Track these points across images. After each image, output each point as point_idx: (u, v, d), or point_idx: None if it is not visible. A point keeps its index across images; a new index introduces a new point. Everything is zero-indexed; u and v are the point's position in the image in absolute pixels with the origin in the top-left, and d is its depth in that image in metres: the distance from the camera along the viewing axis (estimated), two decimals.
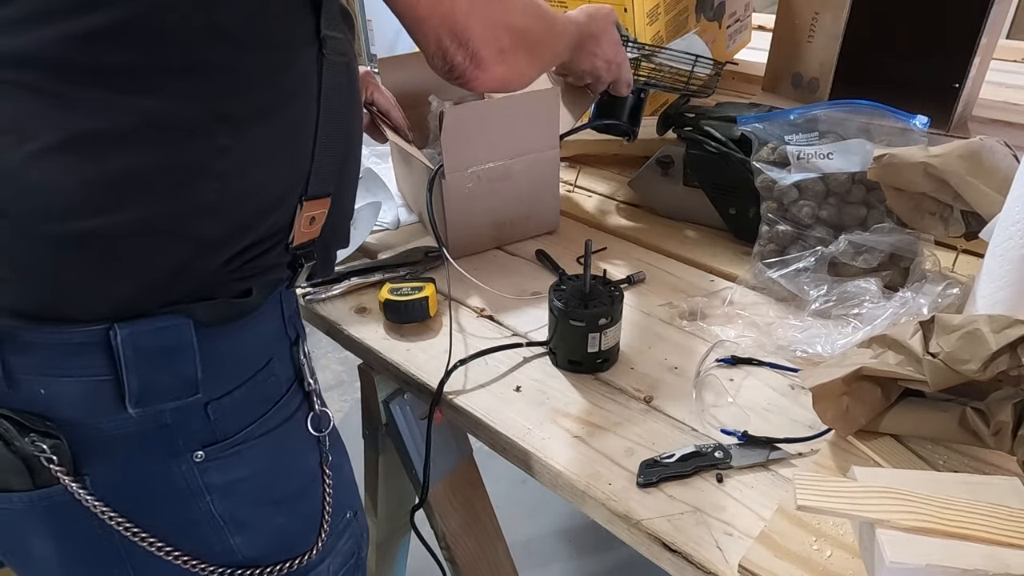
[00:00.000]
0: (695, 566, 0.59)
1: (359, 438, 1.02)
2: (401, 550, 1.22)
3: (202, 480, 0.58)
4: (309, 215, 0.60)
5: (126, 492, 0.56)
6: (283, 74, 0.54)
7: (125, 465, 0.55)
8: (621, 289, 0.79)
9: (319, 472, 0.67)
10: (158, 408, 0.54)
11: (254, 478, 0.61)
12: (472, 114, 0.95)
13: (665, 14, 1.23)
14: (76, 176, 0.48)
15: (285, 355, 0.63)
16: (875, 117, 0.86)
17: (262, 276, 0.58)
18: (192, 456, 0.57)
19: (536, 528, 1.76)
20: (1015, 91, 1.44)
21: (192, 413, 0.56)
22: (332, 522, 0.68)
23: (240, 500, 0.61)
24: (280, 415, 0.62)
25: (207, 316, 0.54)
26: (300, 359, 0.65)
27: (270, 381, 0.61)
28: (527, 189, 1.01)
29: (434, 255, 0.99)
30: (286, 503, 0.64)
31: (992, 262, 0.72)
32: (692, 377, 0.78)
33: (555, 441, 0.71)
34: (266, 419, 0.61)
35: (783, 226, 0.89)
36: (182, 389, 0.54)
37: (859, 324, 0.78)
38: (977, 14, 1.13)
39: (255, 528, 0.62)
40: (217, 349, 0.56)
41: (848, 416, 0.66)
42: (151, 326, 0.52)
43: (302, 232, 0.60)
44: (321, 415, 0.66)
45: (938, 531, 0.52)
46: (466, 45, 0.66)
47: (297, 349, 0.65)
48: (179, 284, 0.53)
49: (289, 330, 0.64)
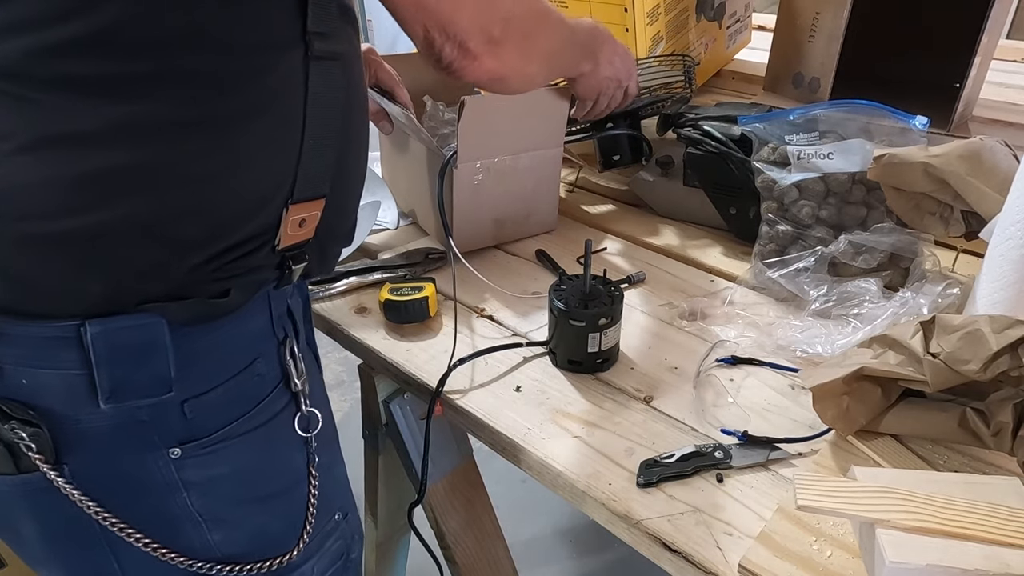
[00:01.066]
0: (695, 566, 0.59)
1: (359, 438, 1.02)
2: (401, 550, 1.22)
3: (179, 476, 0.57)
4: (297, 217, 0.58)
5: (104, 483, 0.56)
6: (265, 77, 0.52)
7: (103, 457, 0.55)
8: (621, 289, 0.79)
9: (305, 472, 0.66)
10: (132, 405, 0.54)
11: (234, 476, 0.61)
12: (490, 106, 0.94)
13: (665, 14, 1.23)
14: (49, 177, 0.48)
15: (272, 355, 0.62)
16: (875, 117, 0.86)
17: (244, 277, 0.57)
18: (168, 452, 0.56)
19: (536, 528, 1.76)
20: (1015, 91, 1.44)
21: (168, 410, 0.55)
22: (317, 523, 0.67)
23: (218, 497, 0.60)
24: (264, 414, 0.61)
25: (181, 316, 0.54)
26: (287, 360, 0.63)
27: (254, 380, 0.60)
28: (530, 186, 1.01)
29: (434, 255, 0.99)
30: (267, 502, 0.64)
31: (992, 262, 0.72)
32: (692, 377, 0.78)
33: (555, 441, 0.71)
34: (248, 418, 0.60)
35: (783, 226, 0.89)
36: (155, 387, 0.54)
37: (859, 324, 0.78)
38: (977, 14, 1.13)
39: (234, 526, 0.62)
40: (194, 348, 0.55)
41: (848, 416, 0.66)
42: (123, 324, 0.52)
43: (289, 235, 0.58)
44: (309, 416, 0.65)
45: (938, 531, 0.52)
46: (453, 36, 0.65)
47: (284, 349, 0.63)
48: (153, 284, 0.52)
49: (277, 330, 0.63)
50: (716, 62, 1.53)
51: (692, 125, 1.02)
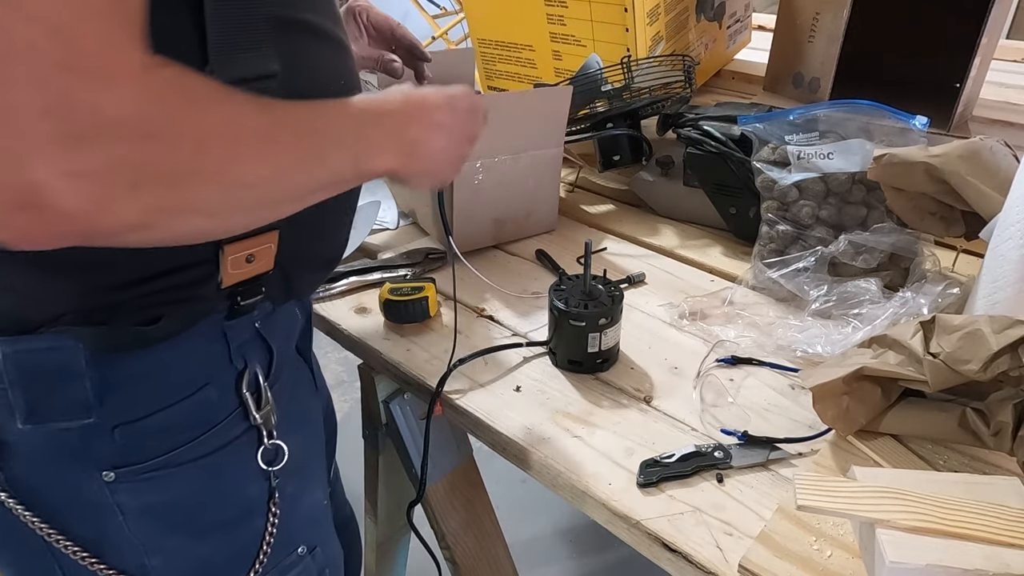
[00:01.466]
0: (695, 566, 0.59)
1: (359, 438, 1.02)
2: (401, 550, 1.22)
3: (113, 499, 0.55)
4: (241, 255, 0.53)
5: (40, 494, 0.54)
6: None
7: (37, 471, 0.54)
8: (621, 289, 0.79)
9: (261, 504, 0.62)
10: (53, 427, 0.51)
11: (174, 504, 0.57)
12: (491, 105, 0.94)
13: (665, 14, 1.23)
14: None
15: (227, 384, 0.58)
16: (875, 117, 0.86)
17: (178, 306, 0.53)
18: (102, 475, 0.54)
19: (536, 528, 1.76)
20: (1015, 91, 1.44)
21: (96, 434, 0.53)
22: (272, 557, 0.64)
23: (156, 524, 0.57)
24: (214, 442, 0.58)
25: (99, 341, 0.50)
26: (243, 393, 0.58)
27: (202, 407, 0.56)
28: (530, 186, 1.01)
29: (434, 255, 0.99)
30: (211, 533, 0.60)
31: (992, 262, 0.72)
32: (692, 377, 0.78)
33: (555, 441, 0.71)
34: (195, 445, 0.56)
35: (783, 226, 0.89)
36: (74, 411, 0.51)
37: (859, 324, 0.78)
38: (977, 14, 1.13)
39: (173, 554, 0.59)
40: (123, 373, 0.52)
41: (848, 416, 0.66)
42: (33, 346, 0.49)
43: (233, 274, 0.54)
44: (275, 448, 0.61)
45: (938, 531, 0.52)
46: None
47: (243, 381, 0.58)
48: (66, 306, 0.49)
49: (236, 360, 0.58)
50: (716, 62, 1.53)
51: (692, 125, 1.02)
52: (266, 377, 0.60)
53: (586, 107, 1.12)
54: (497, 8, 1.34)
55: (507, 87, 1.44)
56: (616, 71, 1.11)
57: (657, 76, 1.13)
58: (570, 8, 1.22)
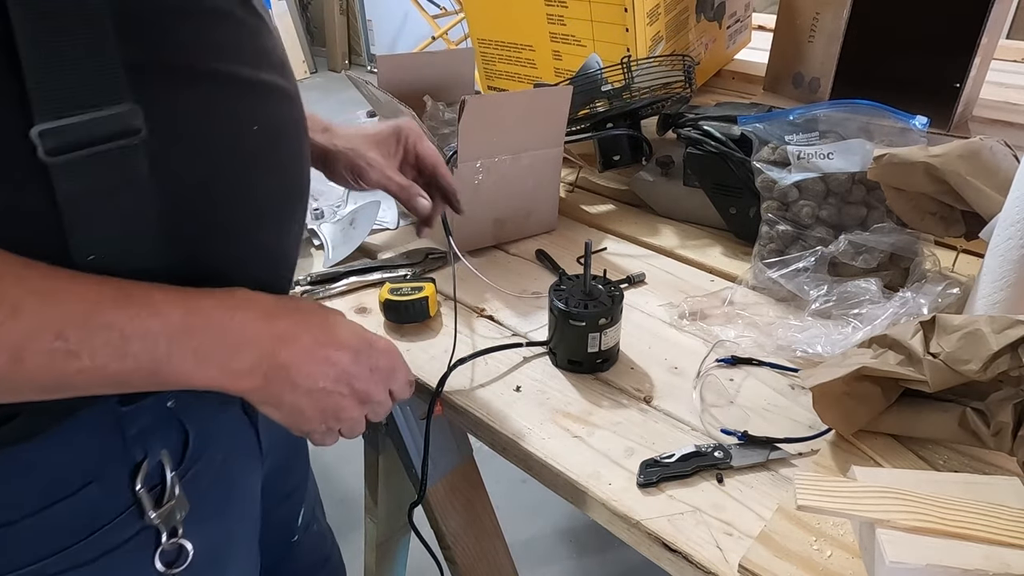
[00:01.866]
0: (695, 566, 0.59)
1: (359, 438, 1.02)
2: (401, 550, 1.22)
3: None
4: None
5: None
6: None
7: None
8: (621, 289, 0.79)
9: None
10: None
11: None
12: (491, 106, 0.94)
13: (665, 14, 1.23)
14: None
15: (118, 480, 0.51)
16: (875, 117, 0.86)
17: (38, 402, 0.45)
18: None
19: (536, 528, 1.76)
20: (1015, 91, 1.44)
21: None
22: None
23: None
24: (100, 546, 0.51)
25: None
26: (137, 488, 0.51)
27: (84, 509, 0.50)
28: (530, 186, 1.01)
29: (434, 255, 0.99)
30: None
31: (992, 262, 0.72)
32: (692, 377, 0.78)
33: (555, 441, 0.71)
34: (75, 551, 0.50)
35: (783, 226, 0.89)
36: None
37: (859, 324, 0.78)
38: (977, 14, 1.13)
39: None
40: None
41: (848, 416, 0.66)
42: None
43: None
44: (176, 549, 0.54)
45: (938, 531, 0.52)
46: None
47: (139, 476, 0.51)
48: None
49: (133, 450, 0.51)
50: (716, 62, 1.53)
51: (692, 125, 1.02)
52: (177, 464, 0.53)
53: (586, 107, 1.12)
54: (497, 8, 1.34)
55: (507, 87, 1.44)
56: (616, 71, 1.11)
57: (657, 76, 1.13)
58: (570, 8, 1.22)
